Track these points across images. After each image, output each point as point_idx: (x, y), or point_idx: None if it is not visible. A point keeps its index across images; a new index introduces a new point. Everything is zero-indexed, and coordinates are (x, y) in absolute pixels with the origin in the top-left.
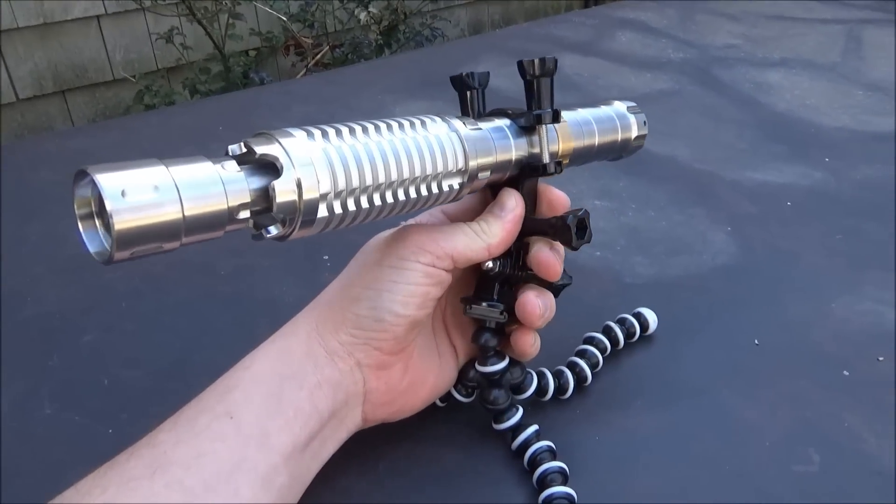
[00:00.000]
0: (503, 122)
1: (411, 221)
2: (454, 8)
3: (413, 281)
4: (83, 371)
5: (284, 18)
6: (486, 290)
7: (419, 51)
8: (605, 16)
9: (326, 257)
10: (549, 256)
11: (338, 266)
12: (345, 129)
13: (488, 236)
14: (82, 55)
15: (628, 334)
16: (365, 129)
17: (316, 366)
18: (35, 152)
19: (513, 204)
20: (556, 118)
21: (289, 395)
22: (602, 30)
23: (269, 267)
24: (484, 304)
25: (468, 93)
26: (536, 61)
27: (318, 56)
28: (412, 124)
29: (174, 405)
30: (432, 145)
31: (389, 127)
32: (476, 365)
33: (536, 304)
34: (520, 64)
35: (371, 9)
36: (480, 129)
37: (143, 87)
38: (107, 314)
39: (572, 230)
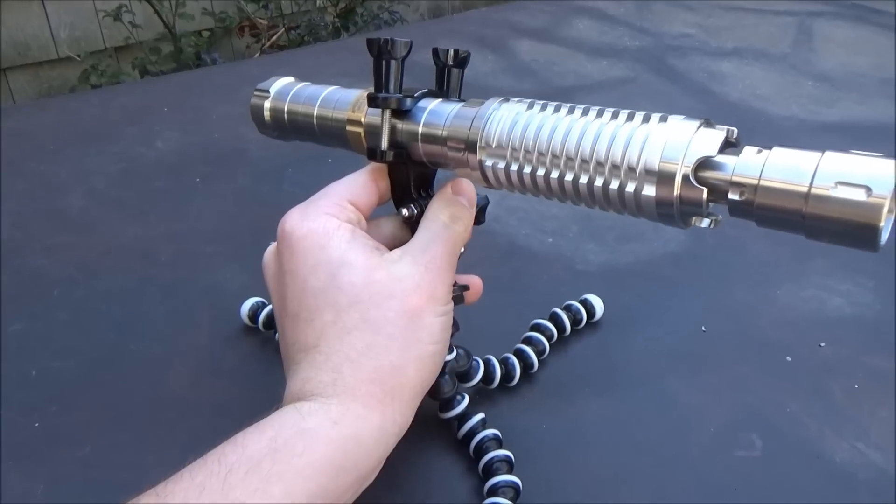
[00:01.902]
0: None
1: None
2: None
3: (449, 331)
4: (9, 362)
5: None
6: None
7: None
8: (563, 2)
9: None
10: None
11: None
12: None
13: (465, 226)
14: (24, 32)
15: (575, 321)
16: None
17: (387, 448)
18: None
19: (473, 194)
20: None
21: (343, 492)
22: (559, 16)
23: (211, 253)
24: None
25: (391, 63)
26: (452, 52)
27: (274, 38)
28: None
29: (107, 397)
30: None
31: None
32: None
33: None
34: (448, 52)
35: None
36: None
37: (88, 66)
38: (36, 302)
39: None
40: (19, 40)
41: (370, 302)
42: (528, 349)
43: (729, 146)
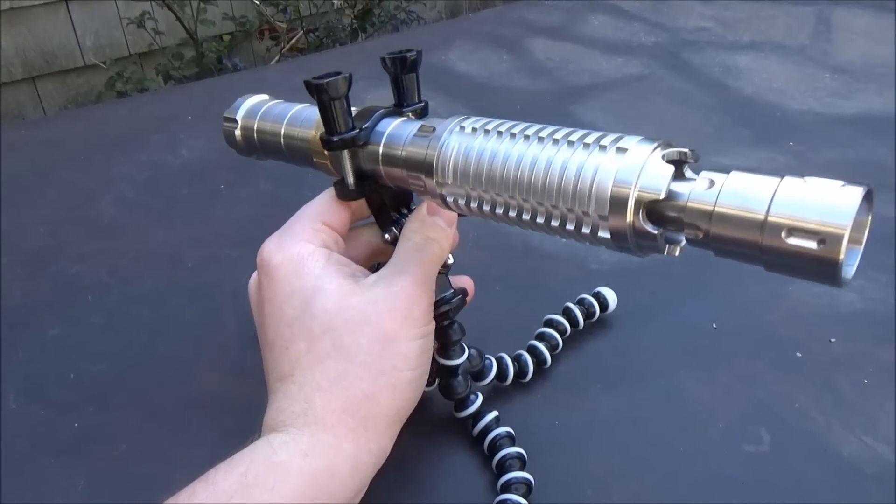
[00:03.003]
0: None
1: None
2: None
3: (428, 356)
4: (49, 365)
5: (258, 2)
6: (444, 286)
7: (393, 36)
8: None
9: None
10: None
11: None
12: None
13: (441, 247)
14: (52, 41)
15: (587, 314)
16: None
17: (364, 479)
18: (1, 142)
19: (453, 217)
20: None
21: None
22: (575, 13)
23: (236, 257)
24: (455, 298)
25: (334, 104)
26: (398, 60)
27: (293, 41)
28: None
29: (140, 397)
30: None
31: None
32: (439, 358)
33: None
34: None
35: None
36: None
37: (114, 73)
38: (72, 307)
39: None
40: (47, 49)
41: (343, 329)
42: (541, 345)
43: (683, 165)
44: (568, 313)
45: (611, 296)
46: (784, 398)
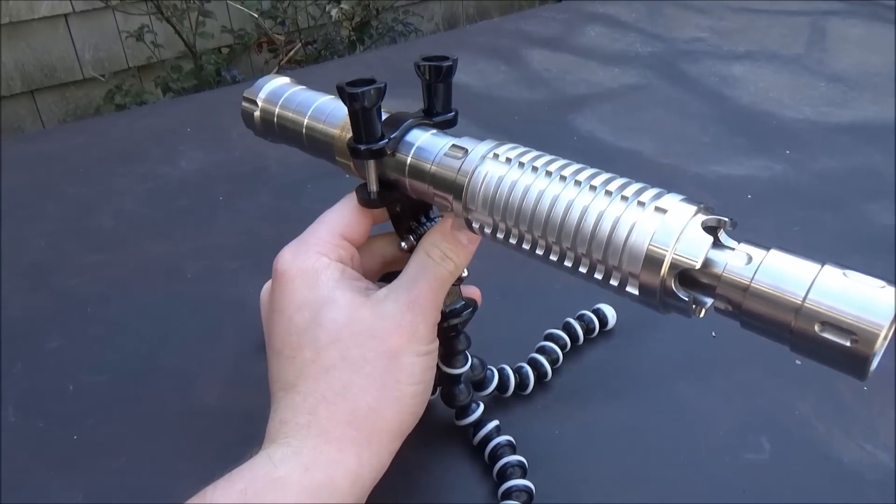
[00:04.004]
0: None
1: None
2: (428, 2)
3: (432, 372)
4: (48, 377)
5: (256, 15)
6: (455, 297)
7: (390, 48)
8: (576, 10)
9: None
10: None
11: None
12: None
13: (457, 265)
14: (51, 55)
15: (587, 330)
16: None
17: (363, 493)
18: (1, 155)
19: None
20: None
21: None
22: (572, 24)
23: (236, 269)
24: (465, 312)
25: (365, 112)
26: (433, 69)
27: (291, 53)
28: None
29: (140, 409)
30: None
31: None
32: (442, 366)
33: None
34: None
35: (343, 5)
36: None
37: (113, 86)
38: (72, 320)
39: None
40: (46, 62)
41: (351, 341)
42: (542, 358)
43: (720, 230)
44: (568, 328)
45: (610, 313)
46: (784, 406)
